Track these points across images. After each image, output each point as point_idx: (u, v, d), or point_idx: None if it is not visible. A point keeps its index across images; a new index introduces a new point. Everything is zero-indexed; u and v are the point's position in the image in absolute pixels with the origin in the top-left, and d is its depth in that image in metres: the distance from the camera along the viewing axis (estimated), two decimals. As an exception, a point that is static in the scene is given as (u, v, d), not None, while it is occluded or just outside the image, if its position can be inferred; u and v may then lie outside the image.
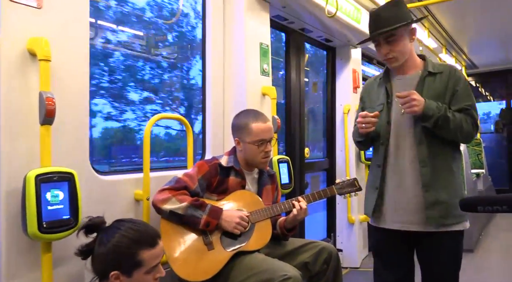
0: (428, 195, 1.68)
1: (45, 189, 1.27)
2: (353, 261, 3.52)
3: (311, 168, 3.48)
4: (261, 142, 1.89)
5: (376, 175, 1.79)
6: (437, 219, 1.67)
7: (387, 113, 1.76)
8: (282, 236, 1.99)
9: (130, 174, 1.94)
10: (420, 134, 1.69)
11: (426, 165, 1.68)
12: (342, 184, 2.00)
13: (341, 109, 3.65)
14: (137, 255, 1.26)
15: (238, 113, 1.99)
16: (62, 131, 1.43)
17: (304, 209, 1.88)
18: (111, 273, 1.24)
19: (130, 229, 1.31)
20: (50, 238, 1.29)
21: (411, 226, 1.72)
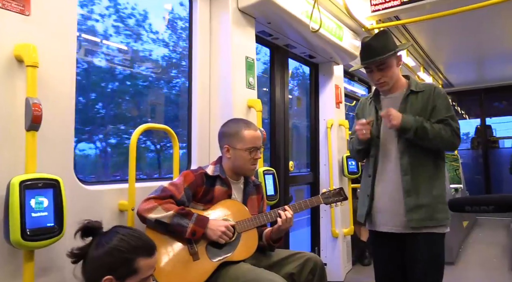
0: (409, 200, 1.86)
1: (29, 195, 1.24)
2: (337, 275, 3.52)
3: (295, 181, 3.50)
4: (252, 148, 1.92)
5: (367, 184, 2.00)
6: (418, 221, 1.83)
7: (377, 128, 1.98)
8: (268, 247, 1.99)
9: (115, 184, 1.92)
10: (403, 146, 1.89)
11: (407, 174, 1.87)
12: (328, 193, 2.03)
13: (324, 123, 3.71)
14: (134, 262, 1.24)
15: (227, 122, 2.01)
16: (47, 138, 1.42)
17: (289, 218, 1.90)
18: (105, 277, 1.21)
19: (130, 235, 1.29)
20: (33, 246, 1.26)
21: (396, 228, 1.90)
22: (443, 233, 1.87)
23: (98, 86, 2.54)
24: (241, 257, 1.81)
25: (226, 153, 1.94)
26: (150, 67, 3.04)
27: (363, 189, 2.05)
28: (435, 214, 1.84)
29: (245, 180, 2.03)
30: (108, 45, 2.50)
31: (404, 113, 1.86)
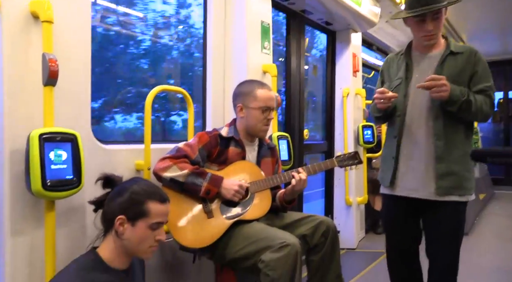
0: (440, 166, 1.75)
1: (48, 148, 1.28)
2: (350, 242, 3.56)
3: (310, 150, 3.51)
4: (265, 108, 1.92)
5: (393, 145, 1.87)
6: (447, 189, 1.74)
7: (405, 87, 1.83)
8: (282, 208, 2.01)
9: (131, 145, 1.96)
10: (437, 109, 1.76)
11: (440, 139, 1.75)
12: (343, 156, 2.02)
13: (340, 92, 3.66)
14: (145, 204, 1.28)
15: (241, 82, 2.01)
16: (64, 94, 1.44)
17: (303, 180, 1.91)
18: (117, 217, 1.26)
19: (145, 183, 1.35)
20: (53, 196, 1.31)
21: (420, 194, 1.79)
22: (466, 202, 1.80)
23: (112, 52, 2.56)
24: (254, 216, 1.84)
25: (240, 112, 1.95)
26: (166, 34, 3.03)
27: (388, 151, 1.92)
28: (464, 182, 1.76)
29: (259, 142, 2.04)
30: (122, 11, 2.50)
31: (441, 74, 1.72)
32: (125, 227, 1.27)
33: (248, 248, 1.71)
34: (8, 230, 1.31)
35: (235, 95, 1.99)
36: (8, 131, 1.31)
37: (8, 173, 1.31)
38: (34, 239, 1.37)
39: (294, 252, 1.62)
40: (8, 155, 1.31)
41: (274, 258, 1.61)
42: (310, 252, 2.01)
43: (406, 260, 1.93)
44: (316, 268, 2.01)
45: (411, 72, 1.84)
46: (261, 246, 1.67)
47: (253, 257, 1.68)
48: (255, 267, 1.67)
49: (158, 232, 1.33)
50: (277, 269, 1.60)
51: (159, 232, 1.33)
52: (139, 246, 1.29)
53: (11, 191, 1.32)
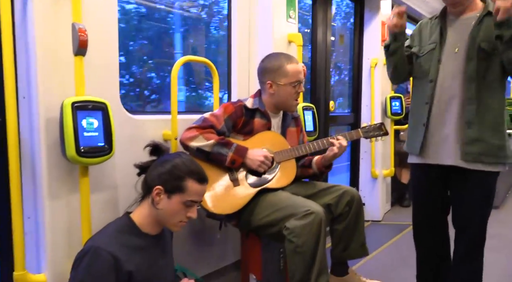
0: (470, 132, 1.69)
1: (81, 116, 1.34)
2: (375, 214, 3.57)
3: (336, 121, 3.47)
4: (296, 82, 1.91)
5: (423, 112, 1.81)
6: (476, 155, 1.68)
7: (439, 52, 1.76)
8: (320, 173, 2.03)
9: (158, 115, 2.00)
10: (471, 73, 1.69)
11: (473, 103, 1.69)
12: (368, 127, 2.00)
13: (368, 63, 3.57)
14: (184, 180, 1.32)
15: (267, 56, 1.98)
16: (93, 64, 1.49)
17: (344, 146, 1.92)
18: (156, 186, 1.31)
19: (189, 160, 1.38)
20: (87, 162, 1.37)
21: (448, 161, 1.74)
22: (498, 172, 1.73)
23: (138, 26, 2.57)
24: (279, 185, 1.87)
25: (269, 88, 1.93)
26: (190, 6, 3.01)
27: (417, 117, 1.85)
28: (495, 150, 1.69)
29: (283, 113, 2.04)
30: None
31: (478, 34, 1.66)
32: (161, 197, 1.32)
33: (273, 215, 1.75)
34: (46, 193, 1.39)
35: (263, 71, 1.96)
36: (43, 100, 1.37)
37: (44, 140, 1.38)
38: (70, 202, 1.45)
39: (318, 219, 1.65)
40: (44, 122, 1.37)
41: (299, 225, 1.64)
42: (334, 222, 2.04)
43: (433, 230, 1.91)
44: (340, 237, 2.04)
45: (445, 36, 1.77)
46: (286, 213, 1.70)
47: (278, 224, 1.72)
48: (279, 234, 1.72)
49: (191, 209, 1.36)
50: (301, 236, 1.63)
51: (192, 210, 1.37)
52: (171, 218, 1.35)
53: (48, 157, 1.39)
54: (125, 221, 1.35)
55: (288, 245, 1.67)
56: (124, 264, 1.22)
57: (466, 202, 1.74)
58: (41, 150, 1.38)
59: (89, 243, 1.27)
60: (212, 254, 2.21)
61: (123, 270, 1.22)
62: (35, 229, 1.43)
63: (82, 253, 1.22)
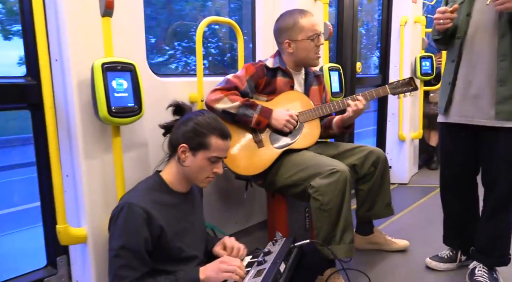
0: (502, 89, 1.63)
1: (111, 77, 1.37)
2: (402, 177, 3.54)
3: (363, 83, 3.40)
4: (314, 35, 1.88)
5: (450, 70, 1.77)
6: (508, 114, 1.63)
7: (469, 5, 1.69)
8: (340, 134, 2.04)
9: (184, 77, 2.02)
10: (504, 27, 1.61)
11: (506, 59, 1.62)
12: (396, 83, 1.95)
13: (397, 21, 3.42)
14: (207, 137, 1.36)
15: (280, 16, 1.95)
16: (120, 25, 1.50)
17: (360, 109, 1.89)
18: (180, 145, 1.35)
19: (211, 117, 1.40)
20: (119, 122, 1.42)
21: (479, 121, 1.70)
22: None
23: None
24: (304, 145, 1.88)
25: (288, 48, 1.91)
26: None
27: (445, 76, 1.81)
28: None
29: (305, 71, 2.02)
30: None
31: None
32: (187, 155, 1.36)
33: (298, 175, 1.77)
34: (82, 153, 1.46)
35: (279, 31, 1.93)
36: (74, 62, 1.41)
37: (78, 101, 1.43)
38: (104, 161, 1.52)
39: (344, 178, 1.66)
40: (76, 83, 1.42)
41: (324, 184, 1.66)
42: (359, 182, 2.05)
43: (460, 191, 1.90)
44: (365, 197, 2.06)
45: None
46: (311, 172, 1.73)
47: (303, 183, 1.75)
48: (305, 193, 1.75)
49: (216, 165, 1.40)
50: (326, 194, 1.66)
51: (217, 166, 1.41)
52: (197, 175, 1.39)
53: (82, 118, 1.44)
54: (155, 179, 1.41)
55: (314, 203, 1.70)
56: (156, 218, 1.29)
57: (497, 160, 1.71)
58: (75, 111, 1.43)
59: (123, 199, 1.33)
60: (240, 214, 2.28)
61: (155, 224, 1.28)
62: (73, 186, 1.52)
63: (118, 210, 1.29)
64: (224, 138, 1.39)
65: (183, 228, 1.40)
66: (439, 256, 2.01)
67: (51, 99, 1.36)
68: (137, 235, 1.25)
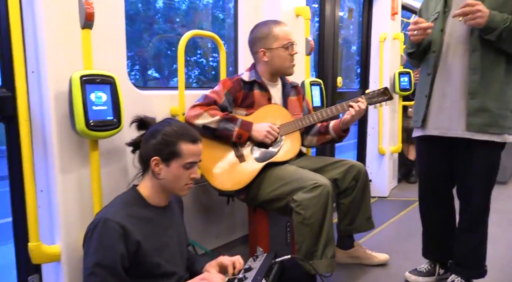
0: (473, 102, 1.67)
1: (89, 89, 1.34)
2: (382, 191, 3.58)
3: (343, 98, 3.44)
4: (288, 44, 1.90)
5: (426, 83, 1.80)
6: (479, 126, 1.67)
7: (442, 21, 1.74)
8: (338, 137, 2.05)
9: (165, 90, 2.00)
10: (475, 42, 1.66)
11: (476, 73, 1.67)
12: (372, 93, 1.99)
13: (377, 37, 3.50)
14: (177, 145, 1.33)
15: (254, 27, 1.97)
16: (101, 37, 1.48)
17: (362, 109, 1.93)
18: (152, 158, 1.33)
19: (177, 124, 1.38)
20: (97, 136, 1.39)
21: (452, 132, 1.74)
22: (503, 143, 1.72)
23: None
24: (286, 158, 1.89)
25: (263, 56, 1.92)
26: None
27: (421, 89, 1.85)
28: (500, 120, 1.67)
29: (282, 82, 2.03)
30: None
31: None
32: (160, 167, 1.33)
33: (281, 189, 1.77)
34: (58, 167, 1.41)
35: (254, 41, 1.95)
36: (52, 74, 1.37)
37: (54, 114, 1.39)
38: (81, 176, 1.47)
39: (326, 192, 1.67)
40: (54, 96, 1.38)
41: (306, 198, 1.66)
42: (341, 196, 2.06)
43: (438, 203, 1.92)
44: (346, 211, 2.07)
45: (450, 5, 1.74)
46: (293, 186, 1.73)
47: (286, 197, 1.74)
48: (287, 207, 1.74)
49: (192, 170, 1.38)
50: (309, 208, 1.66)
51: (193, 171, 1.38)
52: (175, 184, 1.37)
53: (58, 132, 1.40)
54: (132, 194, 1.37)
55: (296, 217, 1.69)
56: (133, 233, 1.25)
57: (471, 173, 1.74)
58: (51, 124, 1.39)
59: (99, 215, 1.30)
60: (221, 229, 2.25)
61: (131, 240, 1.25)
62: (48, 202, 1.47)
63: (93, 225, 1.25)
64: (195, 142, 1.37)
65: (162, 243, 1.37)
66: (418, 270, 2.03)
67: (27, 112, 1.32)
68: (113, 251, 1.22)
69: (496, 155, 1.74)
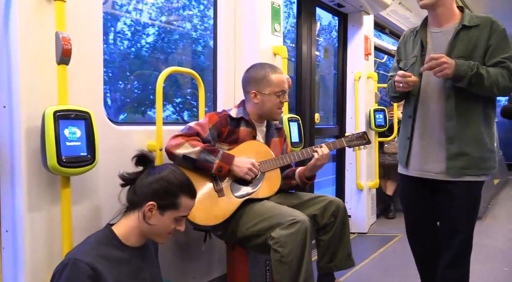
0: (451, 147, 1.71)
1: (63, 125, 1.31)
2: (361, 226, 3.57)
3: (321, 134, 3.50)
4: (281, 92, 1.93)
5: (407, 125, 1.85)
6: (458, 170, 1.71)
7: (419, 65, 1.78)
8: (302, 184, 2.03)
9: (143, 126, 1.98)
10: (449, 89, 1.71)
11: (452, 119, 1.71)
12: (351, 136, 2.03)
13: (352, 76, 3.63)
14: (178, 197, 1.32)
15: (252, 66, 2.00)
16: (77, 73, 1.47)
17: (325, 154, 1.92)
18: (149, 202, 1.29)
19: (180, 173, 1.37)
20: (69, 172, 1.34)
21: (433, 175, 1.77)
22: (482, 182, 1.75)
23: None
24: (265, 194, 1.86)
25: (254, 98, 1.94)
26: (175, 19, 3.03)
27: (403, 131, 1.90)
28: (480, 162, 1.71)
29: (267, 123, 2.05)
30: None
31: (453, 50, 1.68)
32: (154, 213, 1.31)
33: (258, 225, 1.73)
34: (26, 205, 1.35)
35: (247, 80, 1.98)
36: (24, 109, 1.34)
37: (25, 149, 1.35)
38: (50, 214, 1.41)
39: (304, 228, 1.64)
40: (25, 131, 1.34)
41: (284, 235, 1.63)
42: (320, 232, 2.03)
43: (425, 236, 1.92)
44: (326, 248, 2.03)
45: (426, 49, 1.80)
46: (271, 223, 1.69)
47: (264, 233, 1.71)
48: (265, 244, 1.70)
49: (180, 223, 1.37)
50: (287, 245, 1.62)
51: (181, 223, 1.38)
52: (159, 232, 1.34)
53: (28, 167, 1.35)
54: (106, 233, 1.32)
55: (274, 255, 1.65)
56: (104, 276, 1.20)
57: (452, 212, 1.75)
58: (21, 160, 1.34)
59: (68, 255, 1.24)
60: (198, 267, 2.17)
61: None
62: (12, 243, 1.39)
63: (61, 266, 1.19)
64: (193, 197, 1.38)
65: (134, 286, 1.30)
66: None
67: (-5, 147, 1.27)
68: None
69: (476, 193, 1.76)
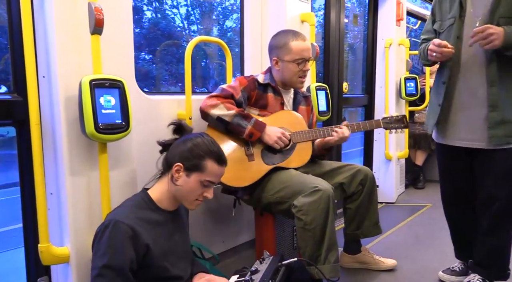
0: (494, 115, 1.67)
1: (98, 93, 1.37)
2: (389, 196, 3.56)
3: (349, 103, 3.45)
4: (301, 60, 1.90)
5: (440, 92, 1.79)
6: (501, 138, 1.67)
7: (459, 27, 1.70)
8: (319, 154, 2.04)
9: (173, 95, 2.03)
10: (492, 54, 1.64)
11: (495, 85, 1.65)
12: (390, 119, 2.01)
13: (382, 43, 3.52)
14: (204, 159, 1.35)
15: (276, 33, 1.99)
16: (109, 43, 1.51)
17: (345, 137, 1.91)
18: (176, 163, 1.35)
19: (211, 141, 1.40)
20: (106, 139, 1.41)
21: (474, 144, 1.73)
22: None
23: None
24: (293, 165, 1.89)
25: (275, 65, 1.94)
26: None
27: (434, 97, 1.84)
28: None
29: (294, 91, 2.05)
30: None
31: (496, 11, 1.59)
32: (180, 174, 1.35)
33: (282, 192, 1.77)
34: (67, 170, 1.43)
35: (270, 48, 1.98)
36: (62, 79, 1.40)
37: (64, 118, 1.42)
38: (90, 178, 1.50)
39: (326, 196, 1.66)
40: (64, 101, 1.41)
41: (306, 203, 1.66)
42: (347, 201, 2.06)
43: (460, 205, 1.91)
44: (353, 216, 2.07)
45: (465, 9, 1.69)
46: (294, 190, 1.73)
47: (287, 200, 1.75)
48: (289, 211, 1.74)
49: (207, 189, 1.40)
50: (309, 213, 1.65)
51: (209, 190, 1.40)
52: (187, 196, 1.38)
53: (68, 135, 1.43)
54: (143, 197, 1.39)
55: (298, 223, 1.69)
56: (142, 236, 1.27)
57: (493, 177, 1.71)
58: (61, 128, 1.42)
59: (109, 217, 1.31)
60: (228, 233, 2.25)
61: (141, 242, 1.26)
62: (57, 204, 1.49)
63: (103, 227, 1.26)
64: (220, 163, 1.39)
65: (169, 247, 1.38)
66: (451, 269, 2.00)
67: (37, 116, 1.34)
68: (122, 254, 1.23)
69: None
